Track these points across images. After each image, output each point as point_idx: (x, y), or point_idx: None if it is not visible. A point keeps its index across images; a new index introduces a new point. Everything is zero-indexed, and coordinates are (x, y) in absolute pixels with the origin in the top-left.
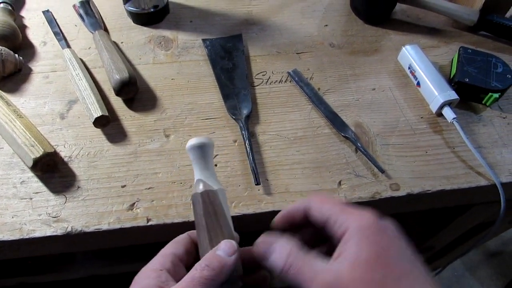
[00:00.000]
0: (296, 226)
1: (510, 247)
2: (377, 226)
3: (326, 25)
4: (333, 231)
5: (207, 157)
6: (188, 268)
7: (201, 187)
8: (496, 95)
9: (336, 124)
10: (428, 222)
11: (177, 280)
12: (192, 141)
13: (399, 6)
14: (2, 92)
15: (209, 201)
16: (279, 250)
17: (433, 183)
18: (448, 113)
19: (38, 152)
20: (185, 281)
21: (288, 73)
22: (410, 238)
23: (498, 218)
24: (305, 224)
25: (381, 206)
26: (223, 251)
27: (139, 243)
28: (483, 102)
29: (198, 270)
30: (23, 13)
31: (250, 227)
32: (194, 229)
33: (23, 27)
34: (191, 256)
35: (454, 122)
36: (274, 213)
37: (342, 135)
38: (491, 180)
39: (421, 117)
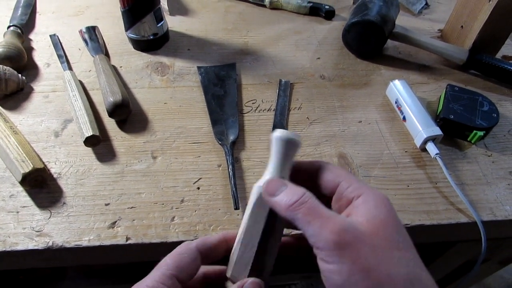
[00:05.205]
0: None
1: None
2: (389, 201)
3: (319, 58)
4: (344, 193)
5: (292, 156)
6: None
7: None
8: (480, 133)
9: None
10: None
11: None
12: (288, 133)
13: (391, 43)
14: (2, 109)
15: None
16: (293, 188)
17: (413, 217)
18: (431, 149)
19: (27, 167)
20: None
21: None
22: None
23: (479, 256)
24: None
25: None
26: None
27: (119, 262)
28: (468, 139)
29: None
30: (31, 36)
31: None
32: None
33: (30, 49)
34: (194, 271)
35: (437, 157)
36: None
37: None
38: (472, 218)
39: (405, 151)
